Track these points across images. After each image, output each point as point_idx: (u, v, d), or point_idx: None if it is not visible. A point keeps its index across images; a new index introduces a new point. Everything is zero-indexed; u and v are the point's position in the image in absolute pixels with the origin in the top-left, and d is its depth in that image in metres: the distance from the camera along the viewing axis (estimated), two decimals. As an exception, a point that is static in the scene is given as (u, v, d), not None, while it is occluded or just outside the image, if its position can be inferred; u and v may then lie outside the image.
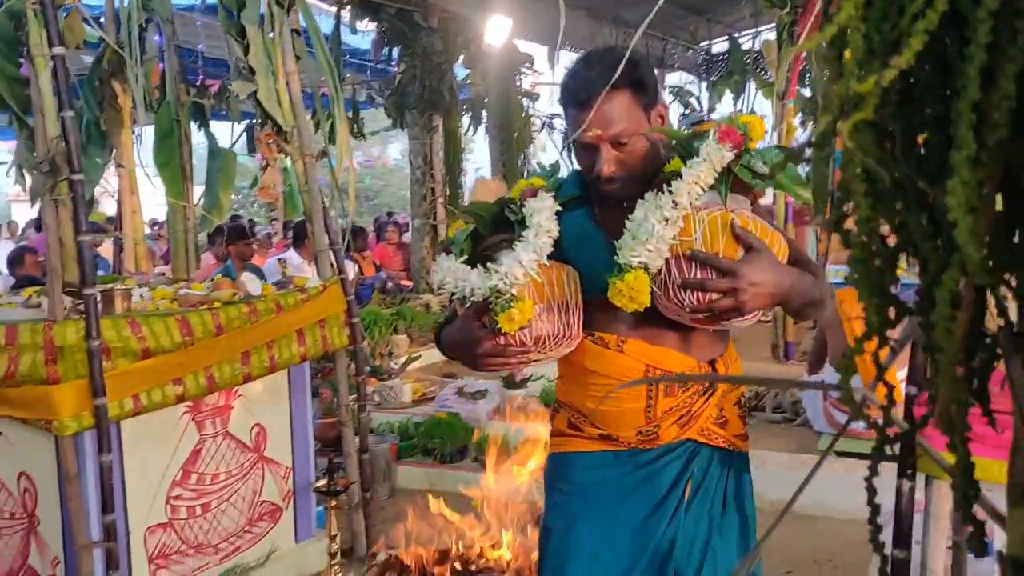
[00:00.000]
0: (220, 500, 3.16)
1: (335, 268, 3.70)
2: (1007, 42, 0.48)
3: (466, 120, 10.40)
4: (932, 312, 0.53)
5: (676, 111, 13.10)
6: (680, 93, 13.23)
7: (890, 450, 0.66)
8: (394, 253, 11.13)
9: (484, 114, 10.29)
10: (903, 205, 0.57)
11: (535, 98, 10.88)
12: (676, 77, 14.30)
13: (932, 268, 0.55)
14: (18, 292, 3.80)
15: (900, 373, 1.23)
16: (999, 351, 0.59)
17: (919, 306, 0.59)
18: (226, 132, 4.56)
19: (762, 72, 10.32)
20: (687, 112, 12.79)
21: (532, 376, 5.66)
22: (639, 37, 1.53)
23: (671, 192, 1.62)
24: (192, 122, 4.15)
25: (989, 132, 0.49)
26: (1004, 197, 0.55)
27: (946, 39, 0.53)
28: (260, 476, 3.32)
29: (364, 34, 10.14)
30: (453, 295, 1.76)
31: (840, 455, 3.92)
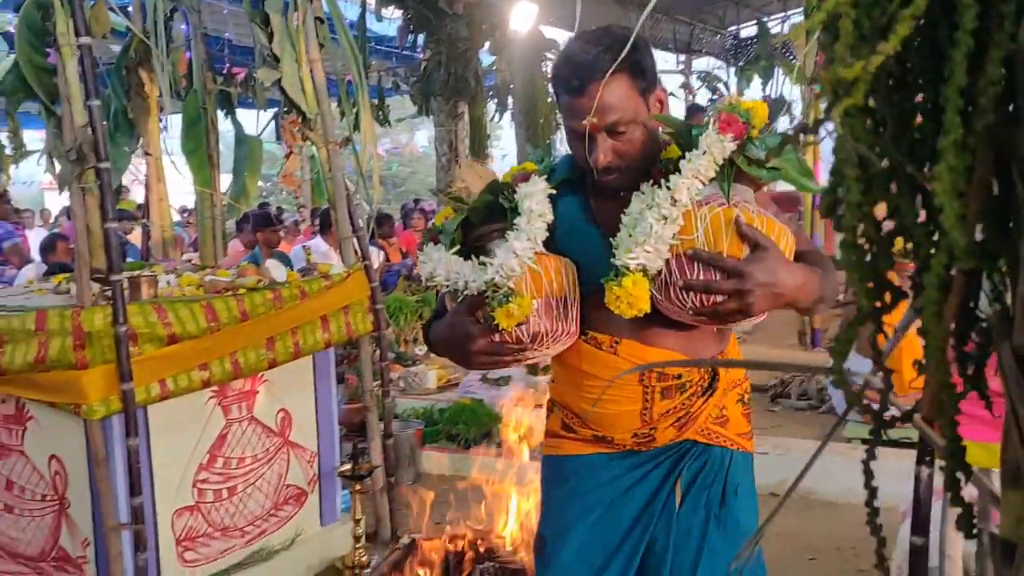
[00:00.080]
0: (246, 484, 3.20)
1: (359, 255, 3.72)
2: (994, 27, 0.48)
3: (492, 107, 10.39)
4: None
5: (704, 96, 13.05)
6: (708, 78, 13.16)
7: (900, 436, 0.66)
8: (420, 240, 11.15)
9: (510, 100, 10.25)
10: (896, 190, 0.57)
11: (561, 84, 10.82)
12: (704, 62, 14.23)
13: (923, 253, 0.55)
14: (49, 279, 3.87)
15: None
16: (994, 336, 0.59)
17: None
18: (252, 120, 4.60)
19: (791, 57, 10.22)
20: (715, 97, 12.73)
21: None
22: (640, 24, 1.43)
23: (669, 188, 1.50)
24: (219, 110, 4.17)
25: (977, 117, 0.49)
26: (996, 183, 0.55)
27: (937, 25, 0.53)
28: (285, 460, 3.36)
29: (390, 21, 10.18)
30: (444, 288, 1.65)
31: (864, 442, 3.90)
